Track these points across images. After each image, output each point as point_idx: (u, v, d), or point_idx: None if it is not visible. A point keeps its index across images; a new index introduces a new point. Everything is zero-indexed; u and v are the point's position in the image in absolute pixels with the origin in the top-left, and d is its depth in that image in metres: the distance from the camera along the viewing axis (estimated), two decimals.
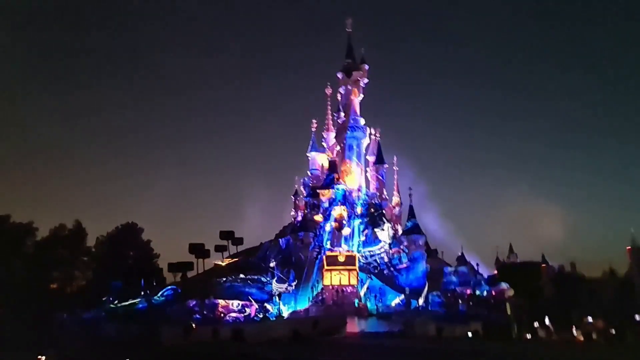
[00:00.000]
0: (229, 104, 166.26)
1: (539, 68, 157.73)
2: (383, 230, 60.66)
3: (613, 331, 47.64)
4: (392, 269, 57.97)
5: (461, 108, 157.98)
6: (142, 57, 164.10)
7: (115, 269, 60.53)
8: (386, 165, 67.87)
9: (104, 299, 53.51)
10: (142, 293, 53.04)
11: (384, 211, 64.16)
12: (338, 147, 67.73)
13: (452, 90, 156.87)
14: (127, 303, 51.82)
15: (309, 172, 68.97)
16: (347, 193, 62.61)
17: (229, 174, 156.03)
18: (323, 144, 70.29)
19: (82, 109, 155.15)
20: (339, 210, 60.37)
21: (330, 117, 71.18)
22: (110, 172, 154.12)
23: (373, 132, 69.47)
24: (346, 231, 59.38)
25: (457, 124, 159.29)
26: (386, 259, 58.86)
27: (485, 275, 56.77)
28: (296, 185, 68.44)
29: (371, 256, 59.06)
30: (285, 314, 52.16)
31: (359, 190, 65.08)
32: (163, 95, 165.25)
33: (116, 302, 52.29)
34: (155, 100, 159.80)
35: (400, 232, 61.83)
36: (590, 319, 47.71)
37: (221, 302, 51.10)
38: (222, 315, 50.08)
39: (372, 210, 63.33)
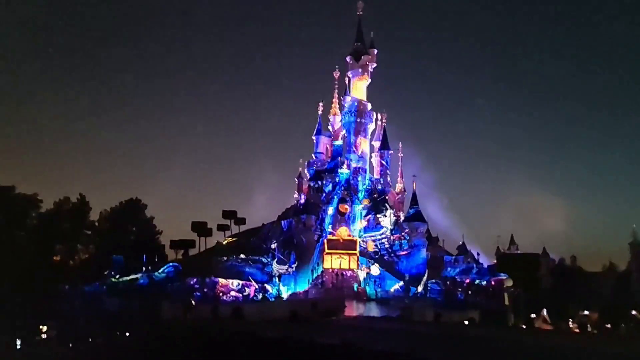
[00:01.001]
0: (236, 86, 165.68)
1: (546, 61, 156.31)
2: (385, 216, 60.73)
3: (609, 325, 48.06)
4: (392, 255, 58.18)
5: (468, 98, 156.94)
6: (148, 40, 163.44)
7: (117, 244, 60.90)
8: (391, 151, 67.63)
9: (105, 273, 53.97)
10: (144, 269, 53.45)
11: (387, 197, 64.16)
12: (344, 131, 67.52)
13: (460, 79, 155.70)
14: (128, 278, 52.27)
15: (313, 155, 68.84)
16: (351, 178, 62.57)
17: (234, 154, 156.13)
18: (329, 127, 70.09)
19: (89, 84, 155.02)
20: (342, 195, 60.42)
21: (337, 100, 70.82)
22: (116, 147, 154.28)
23: (379, 117, 69.18)
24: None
25: (463, 114, 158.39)
26: (387, 245, 59.05)
27: (485, 265, 56.95)
28: (300, 168, 68.40)
29: (372, 241, 59.26)
30: (285, 295, 52.60)
31: (363, 171, 64.98)
32: (169, 75, 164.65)
33: (118, 276, 52.75)
34: (162, 81, 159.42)
35: (402, 218, 61.90)
36: (586, 312, 48.12)
37: (221, 281, 51.56)
38: (221, 294, 50.56)
39: (375, 195, 63.36)
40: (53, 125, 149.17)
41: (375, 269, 55.53)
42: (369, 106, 66.94)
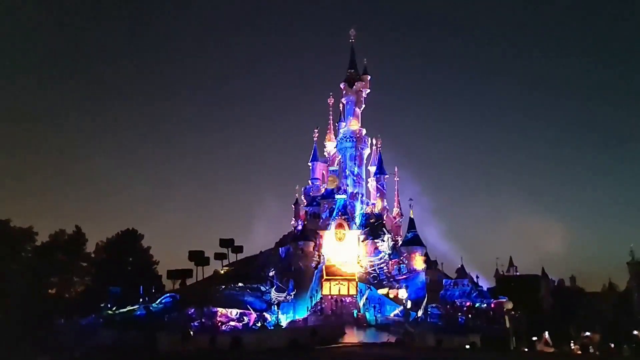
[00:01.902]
0: (231, 114, 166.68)
1: (538, 85, 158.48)
2: (383, 241, 60.59)
3: (612, 345, 47.53)
4: (391, 279, 57.79)
5: (463, 121, 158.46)
6: (145, 71, 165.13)
7: (114, 275, 60.32)
8: (387, 176, 67.91)
9: (102, 305, 53.36)
10: (141, 300, 52.91)
11: (384, 222, 64.09)
12: (339, 157, 67.82)
13: (454, 103, 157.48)
14: (125, 310, 51.66)
15: (310, 182, 69.00)
16: (347, 203, 62.56)
17: (230, 182, 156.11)
18: (325, 153, 70.43)
19: (84, 114, 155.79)
20: (339, 221, 60.25)
21: (332, 126, 71.39)
22: (111, 178, 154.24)
23: (374, 142, 69.62)
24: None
25: (458, 137, 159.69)
26: (386, 270, 58.72)
27: (485, 288, 56.60)
28: (297, 194, 68.44)
29: (371, 267, 58.95)
30: (284, 323, 51.97)
31: (360, 196, 64.99)
32: (165, 104, 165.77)
33: (114, 308, 52.15)
34: (157, 109, 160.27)
35: (400, 243, 61.71)
36: (588, 333, 47.69)
37: (220, 310, 50.98)
38: (220, 323, 49.94)
39: (372, 220, 63.28)
40: (47, 156, 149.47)
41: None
42: (364, 131, 67.40)
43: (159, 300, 52.91)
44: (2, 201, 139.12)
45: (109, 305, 52.80)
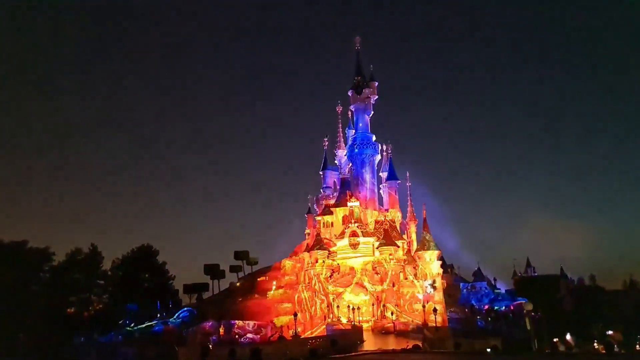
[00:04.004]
0: (242, 126, 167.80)
1: (556, 85, 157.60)
2: (397, 246, 60.17)
3: (638, 346, 46.59)
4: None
5: (475, 122, 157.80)
6: (158, 81, 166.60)
7: (131, 292, 60.70)
8: (399, 181, 67.64)
9: (120, 322, 53.65)
10: (159, 315, 53.12)
11: (397, 227, 63.73)
12: (350, 164, 67.72)
13: (466, 103, 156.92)
14: (143, 326, 51.90)
15: (322, 190, 68.95)
16: (360, 210, 62.32)
17: (243, 195, 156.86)
18: (335, 161, 70.42)
19: (97, 133, 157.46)
20: (352, 228, 59.99)
21: (341, 134, 71.40)
22: (125, 195, 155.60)
23: (384, 148, 69.46)
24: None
25: (471, 139, 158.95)
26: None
27: (503, 290, 56.02)
28: (310, 204, 68.39)
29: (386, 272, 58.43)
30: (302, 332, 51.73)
31: (372, 202, 64.74)
32: (178, 119, 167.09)
33: (132, 325, 52.41)
34: (169, 123, 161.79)
35: (414, 248, 61.28)
36: (610, 331, 46.86)
37: (237, 322, 50.99)
38: (237, 336, 49.91)
39: (386, 226, 62.94)
40: (61, 175, 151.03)
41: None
42: (374, 137, 67.31)
43: (176, 315, 53.09)
44: (19, 222, 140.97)
45: (127, 322, 53.08)
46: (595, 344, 50.08)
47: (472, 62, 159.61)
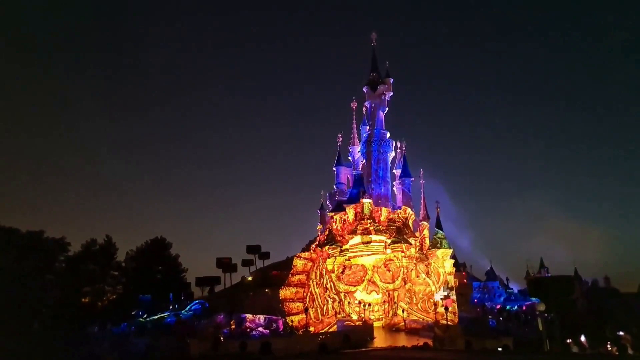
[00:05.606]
0: (256, 121, 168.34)
1: (568, 88, 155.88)
2: (410, 244, 59.98)
3: None
4: None
5: (493, 121, 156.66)
6: (170, 85, 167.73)
7: (144, 284, 61.34)
8: (412, 179, 67.27)
9: (133, 313, 54.24)
10: (171, 307, 53.61)
11: (410, 225, 63.48)
12: (364, 161, 67.52)
13: (483, 102, 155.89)
14: (156, 317, 52.43)
15: (334, 186, 68.89)
16: (372, 207, 62.15)
17: (256, 189, 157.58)
18: (349, 157, 70.27)
19: (113, 126, 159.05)
20: (364, 225, 59.86)
21: (355, 130, 71.21)
22: (140, 187, 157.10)
23: (399, 145, 69.12)
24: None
25: (487, 138, 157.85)
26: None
27: (516, 290, 55.67)
28: (322, 200, 68.40)
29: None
30: (313, 328, 51.91)
31: (385, 200, 64.55)
32: (190, 115, 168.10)
33: (145, 316, 52.94)
34: (184, 120, 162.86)
35: (427, 246, 61.04)
36: (621, 332, 46.49)
37: (248, 316, 51.27)
38: (248, 329, 50.21)
39: (399, 224, 62.72)
40: (78, 167, 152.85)
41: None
42: (388, 134, 67.04)
43: (188, 307, 53.56)
44: (36, 212, 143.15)
45: (139, 313, 53.63)
46: (608, 346, 49.65)
47: (490, 59, 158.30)
